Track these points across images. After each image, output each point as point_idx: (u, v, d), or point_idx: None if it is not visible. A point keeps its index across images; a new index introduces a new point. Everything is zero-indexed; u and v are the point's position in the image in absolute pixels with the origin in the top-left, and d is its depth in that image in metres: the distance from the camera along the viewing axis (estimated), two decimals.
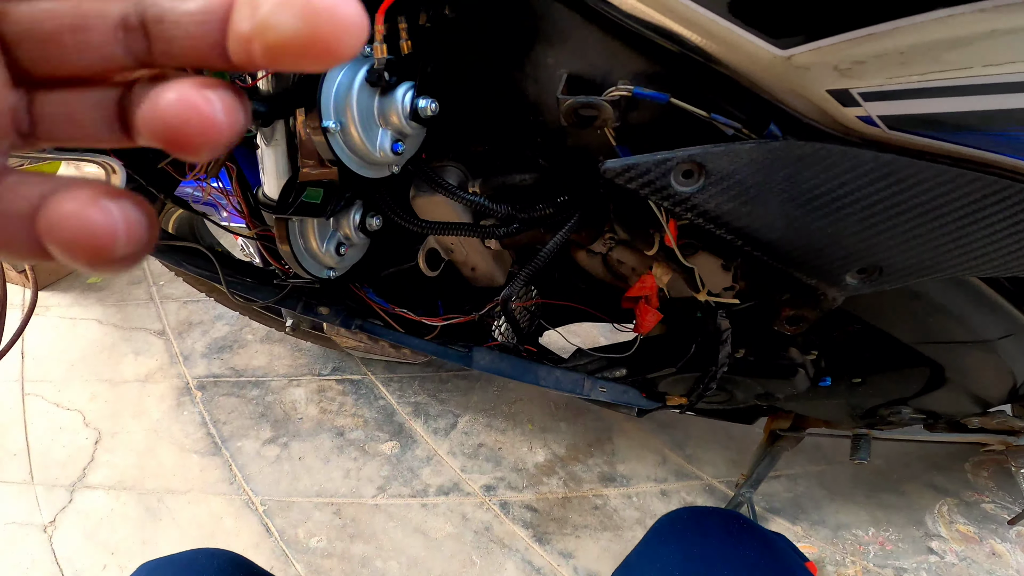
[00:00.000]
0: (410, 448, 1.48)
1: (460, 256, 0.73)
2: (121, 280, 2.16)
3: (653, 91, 0.46)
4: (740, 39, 0.42)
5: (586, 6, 0.47)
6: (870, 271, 0.53)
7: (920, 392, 0.83)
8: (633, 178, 0.47)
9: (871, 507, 1.31)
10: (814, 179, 0.47)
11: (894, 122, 0.44)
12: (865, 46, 0.39)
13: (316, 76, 0.49)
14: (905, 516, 1.29)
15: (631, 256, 0.73)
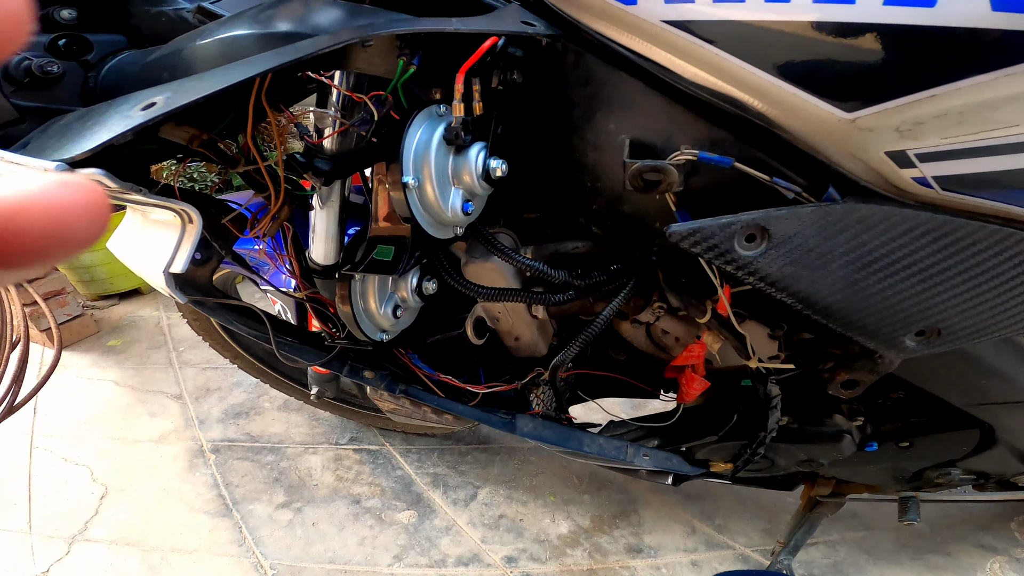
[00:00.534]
0: (428, 518, 1.43)
1: (506, 325, 0.73)
2: (141, 344, 2.17)
3: (717, 155, 0.47)
4: (805, 103, 0.43)
5: (649, 74, 0.49)
6: (929, 333, 0.53)
7: (970, 453, 0.81)
8: (698, 242, 0.48)
9: (918, 568, 1.25)
10: (874, 241, 0.48)
11: (947, 183, 0.45)
12: (928, 106, 0.40)
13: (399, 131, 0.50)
14: None
15: (677, 326, 0.72)
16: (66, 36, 0.55)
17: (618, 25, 0.50)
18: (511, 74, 0.55)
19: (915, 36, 0.38)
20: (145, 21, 0.60)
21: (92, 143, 0.38)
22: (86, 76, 0.56)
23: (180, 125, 0.62)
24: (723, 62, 0.45)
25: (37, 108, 0.54)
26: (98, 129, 0.40)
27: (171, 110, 0.38)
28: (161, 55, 0.53)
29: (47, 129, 0.50)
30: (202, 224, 0.53)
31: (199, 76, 0.45)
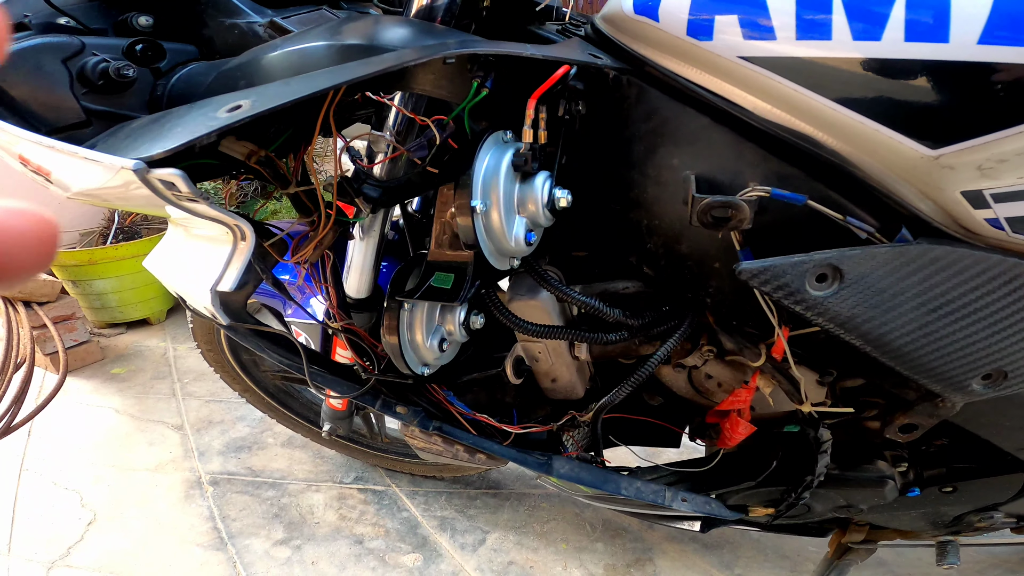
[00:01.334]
0: (434, 562, 1.37)
1: (545, 366, 0.72)
2: (145, 373, 2.13)
3: (791, 193, 0.46)
4: (888, 140, 0.43)
5: (718, 110, 0.49)
6: (996, 376, 0.52)
7: (1015, 496, 0.79)
8: (768, 280, 0.47)
9: None
10: (947, 283, 0.47)
11: (1018, 224, 0.45)
12: (1012, 144, 0.40)
13: (462, 157, 0.50)
14: None
15: (723, 371, 0.71)
16: (143, 42, 0.56)
17: (688, 61, 0.50)
18: (576, 104, 0.55)
19: (1008, 72, 0.38)
20: (218, 33, 0.60)
21: (174, 142, 0.38)
22: (155, 84, 0.56)
23: (240, 140, 0.62)
24: (800, 98, 0.45)
25: (103, 112, 0.54)
26: (179, 130, 0.40)
27: (258, 112, 0.38)
28: (234, 65, 0.53)
29: (116, 132, 0.50)
30: (255, 242, 0.52)
31: (283, 82, 0.44)
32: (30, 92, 0.52)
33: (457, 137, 0.55)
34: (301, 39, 0.53)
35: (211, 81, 0.58)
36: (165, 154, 0.39)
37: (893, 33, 0.40)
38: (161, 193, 0.42)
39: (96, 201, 0.57)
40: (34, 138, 0.44)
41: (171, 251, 0.61)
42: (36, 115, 0.54)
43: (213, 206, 0.46)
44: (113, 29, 0.61)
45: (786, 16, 0.43)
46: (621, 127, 0.55)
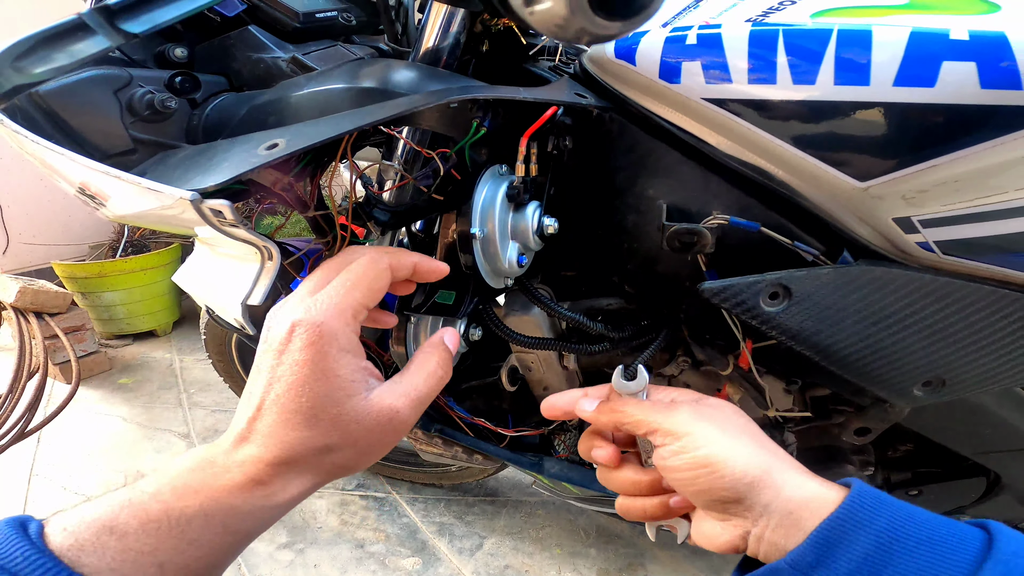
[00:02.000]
0: (433, 566, 1.42)
1: (537, 375, 0.78)
2: (152, 383, 2.19)
3: (746, 220, 0.54)
4: (825, 173, 0.50)
5: (687, 146, 0.56)
6: (935, 383, 0.58)
7: (978, 500, 0.85)
8: (727, 298, 0.54)
9: None
10: (884, 300, 0.54)
11: (947, 247, 0.52)
12: (930, 176, 0.47)
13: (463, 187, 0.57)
14: None
15: (699, 380, 0.77)
16: (182, 74, 0.61)
17: (661, 100, 0.57)
18: (564, 140, 0.62)
19: (918, 112, 0.44)
20: (246, 66, 0.65)
21: (225, 176, 0.44)
22: (191, 114, 0.61)
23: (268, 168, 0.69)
24: (754, 135, 0.52)
25: (148, 141, 0.58)
26: (226, 164, 0.46)
27: (292, 151, 0.44)
28: (264, 101, 0.59)
29: (164, 161, 0.55)
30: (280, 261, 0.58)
31: (314, 122, 0.51)
32: (87, 122, 0.57)
33: (459, 168, 0.62)
34: (323, 80, 0.60)
35: (243, 114, 0.63)
36: (216, 187, 0.46)
37: (825, 77, 0.46)
38: (209, 220, 0.48)
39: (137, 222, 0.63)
40: (103, 169, 0.49)
41: (200, 267, 0.67)
42: (91, 143, 0.58)
43: (250, 230, 0.52)
44: (152, 60, 0.66)
45: (740, 62, 0.50)
46: (604, 160, 0.62)
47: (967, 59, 0.42)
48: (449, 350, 0.47)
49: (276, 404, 0.39)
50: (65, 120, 0.57)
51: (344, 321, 0.40)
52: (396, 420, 0.41)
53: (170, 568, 0.33)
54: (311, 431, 0.38)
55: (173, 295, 2.57)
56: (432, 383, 0.44)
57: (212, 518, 0.35)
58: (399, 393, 0.42)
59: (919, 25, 0.44)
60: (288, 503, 0.39)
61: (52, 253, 2.64)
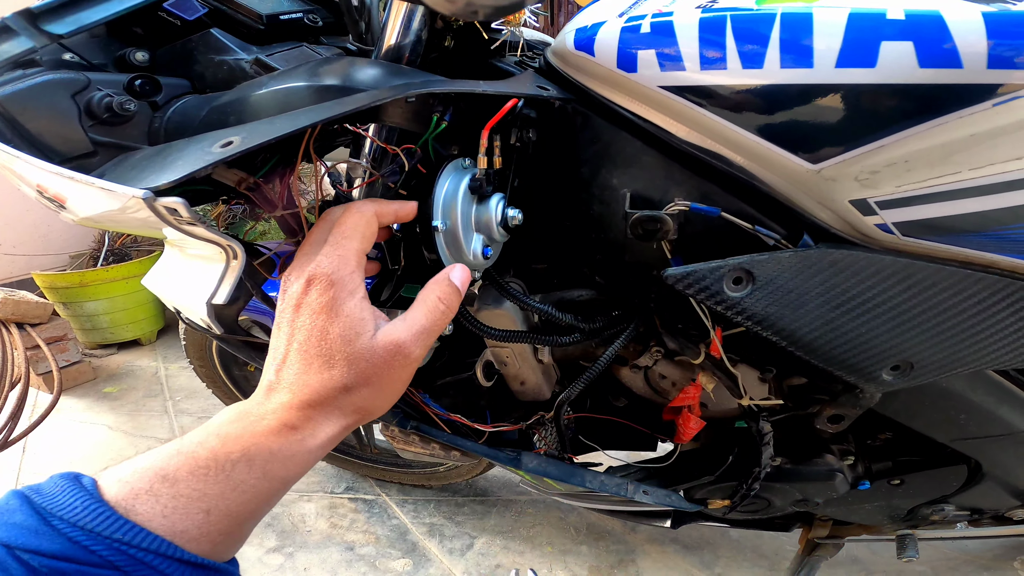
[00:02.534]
0: (423, 567, 1.42)
1: (513, 369, 0.78)
2: (137, 391, 2.18)
3: (707, 206, 0.54)
4: (779, 157, 0.50)
5: (648, 134, 0.56)
6: (903, 367, 0.58)
7: (961, 489, 0.85)
8: (691, 284, 0.54)
9: None
10: (846, 283, 0.54)
11: (906, 228, 0.52)
12: (879, 156, 0.47)
13: (427, 182, 0.57)
14: None
15: (674, 370, 0.78)
16: (142, 77, 0.61)
17: (621, 90, 0.57)
18: (527, 133, 0.62)
19: (862, 93, 0.45)
20: (208, 69, 0.66)
21: (177, 174, 0.44)
22: (152, 116, 0.62)
23: (231, 168, 0.69)
24: (710, 121, 0.52)
25: (108, 143, 0.59)
26: (180, 162, 0.46)
27: (247, 148, 0.44)
28: (225, 101, 0.59)
29: (121, 163, 0.56)
30: (245, 260, 0.58)
31: (269, 120, 0.51)
32: (45, 125, 0.57)
33: (426, 164, 0.62)
34: (284, 79, 0.60)
35: (204, 115, 0.63)
36: (168, 185, 0.46)
37: (771, 61, 0.47)
38: (165, 218, 0.48)
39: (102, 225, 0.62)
40: (55, 170, 0.50)
41: (168, 269, 0.67)
42: (49, 147, 0.58)
43: (209, 228, 0.52)
44: (112, 64, 0.66)
45: (691, 50, 0.50)
46: (569, 152, 0.62)
47: (904, 38, 0.42)
48: (454, 286, 0.48)
49: (299, 352, 0.42)
50: (22, 124, 0.57)
51: (350, 269, 0.44)
52: (401, 353, 0.43)
53: (215, 514, 0.35)
54: (330, 372, 0.41)
55: (157, 303, 2.56)
56: (435, 317, 0.46)
57: (253, 463, 0.37)
58: (402, 328, 0.44)
59: (857, 6, 0.44)
60: (320, 447, 0.41)
61: (33, 263, 2.62)
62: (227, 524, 0.36)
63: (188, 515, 0.34)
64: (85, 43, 0.65)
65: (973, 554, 1.40)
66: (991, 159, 0.46)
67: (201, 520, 0.34)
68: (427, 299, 0.47)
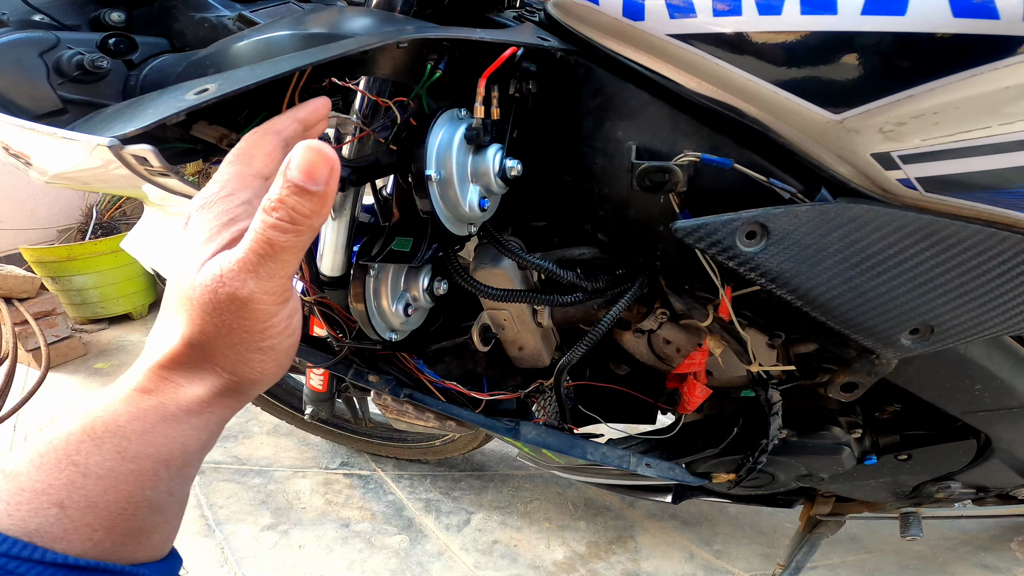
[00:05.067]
0: (420, 543, 1.41)
1: (511, 334, 0.75)
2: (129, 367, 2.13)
3: (719, 157, 0.51)
4: (798, 107, 0.47)
5: (655, 85, 0.53)
6: (923, 331, 0.56)
7: (968, 465, 0.83)
8: (702, 238, 0.51)
9: None
10: (866, 239, 0.51)
11: (930, 184, 0.49)
12: (906, 107, 0.44)
13: (420, 134, 0.54)
14: None
15: (679, 334, 0.75)
16: (116, 35, 0.59)
17: (626, 41, 0.54)
18: (526, 84, 0.59)
19: (890, 41, 0.42)
20: (188, 27, 0.63)
21: (146, 121, 0.41)
22: (128, 75, 0.59)
23: (212, 124, 0.65)
24: (723, 71, 0.49)
25: (80, 101, 0.57)
26: (152, 110, 0.43)
27: (225, 93, 0.41)
28: (204, 55, 0.56)
29: (92, 118, 0.53)
30: None
31: (249, 67, 0.48)
32: (10, 84, 0.55)
33: (418, 117, 0.59)
34: (267, 29, 0.57)
35: (182, 70, 0.61)
36: (137, 132, 0.42)
37: (791, 6, 0.44)
38: (135, 168, 0.45)
39: (75, 184, 0.60)
40: (15, 122, 0.47)
41: (147, 230, 0.64)
42: (16, 105, 0.56)
43: (185, 181, 0.49)
44: (87, 25, 0.64)
45: None
46: (571, 104, 0.59)
47: None
48: (298, 180, 0.31)
49: (167, 300, 0.35)
50: None
51: (224, 193, 0.35)
52: (223, 291, 0.32)
53: (72, 507, 0.30)
54: (176, 320, 0.34)
55: (147, 277, 2.52)
56: (268, 234, 0.31)
57: (101, 441, 0.31)
58: (224, 256, 0.33)
59: None
60: (186, 412, 0.34)
61: (20, 238, 2.57)
62: (96, 518, 0.30)
63: (37, 511, 0.29)
64: (58, 5, 0.63)
65: (971, 534, 1.40)
66: (1022, 114, 0.43)
67: (56, 515, 0.29)
68: (258, 215, 0.32)
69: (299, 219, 0.31)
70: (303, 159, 0.31)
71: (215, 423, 0.36)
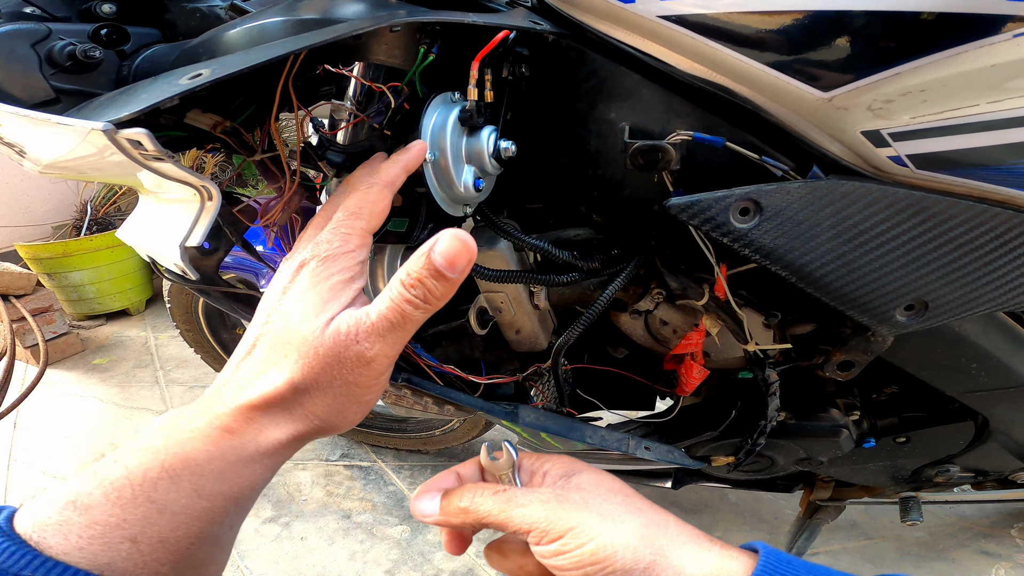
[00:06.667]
0: (421, 532, 1.41)
1: (508, 317, 0.75)
2: (127, 362, 2.16)
3: (711, 136, 0.51)
4: (787, 86, 0.48)
5: (647, 67, 0.54)
6: (917, 307, 0.56)
7: (966, 448, 0.83)
8: (695, 214, 0.51)
9: None
10: (858, 215, 0.51)
11: (920, 162, 0.50)
12: (893, 85, 0.44)
13: (413, 118, 0.54)
14: None
15: (675, 315, 0.75)
16: (108, 26, 0.59)
17: (617, 23, 0.54)
18: (520, 68, 0.59)
19: (875, 19, 0.42)
20: (180, 17, 0.64)
21: (140, 105, 0.41)
22: (120, 65, 0.60)
23: (206, 112, 0.65)
24: (712, 52, 0.49)
25: (72, 90, 0.57)
26: (145, 95, 0.44)
27: (218, 77, 0.42)
28: (196, 43, 0.57)
29: (86, 106, 0.53)
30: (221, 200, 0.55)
31: (243, 52, 0.48)
32: (3, 74, 0.55)
33: (412, 102, 0.59)
34: (259, 16, 0.57)
35: (174, 59, 0.61)
36: (131, 116, 0.43)
37: None
38: (129, 153, 0.45)
39: (70, 174, 0.60)
40: (10, 110, 0.47)
41: (143, 218, 0.64)
42: (9, 95, 0.57)
43: (180, 166, 0.49)
44: (77, 16, 0.64)
45: None
46: (564, 87, 0.59)
47: None
48: (435, 267, 0.35)
49: (266, 343, 0.36)
50: None
51: (349, 247, 0.38)
52: (351, 349, 0.34)
53: (144, 542, 0.30)
54: (282, 364, 0.35)
55: (144, 272, 2.52)
56: (402, 309, 0.35)
57: (179, 479, 0.31)
58: (357, 317, 0.35)
59: None
60: (264, 455, 0.34)
61: (15, 236, 2.57)
62: (166, 553, 0.30)
63: (109, 545, 0.29)
64: None
65: (971, 520, 1.41)
66: (1010, 92, 0.43)
67: (128, 550, 0.29)
68: (394, 284, 0.36)
69: (431, 299, 0.35)
70: (448, 248, 0.35)
71: (283, 462, 0.37)
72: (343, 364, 0.35)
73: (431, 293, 0.35)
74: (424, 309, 0.35)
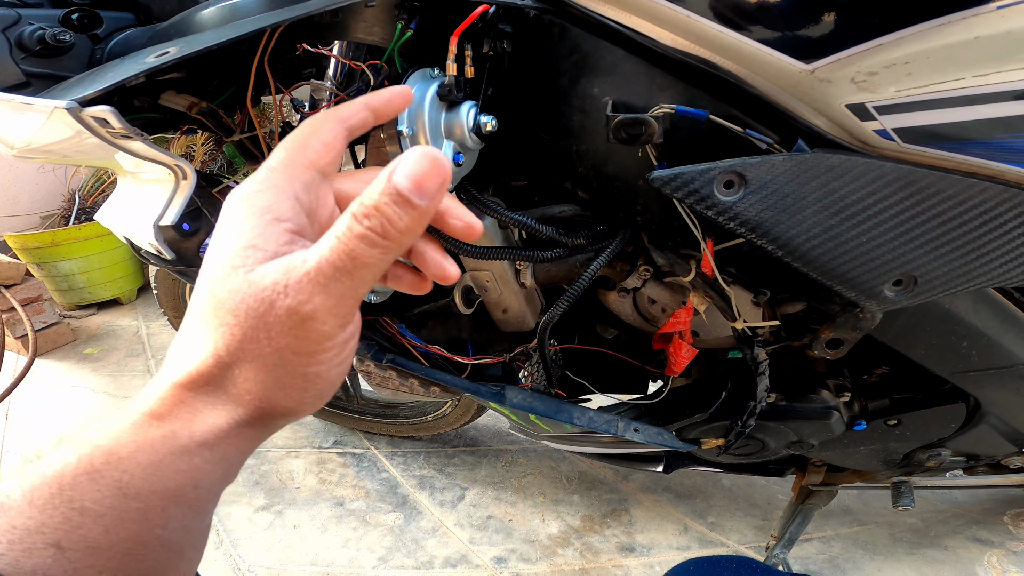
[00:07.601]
0: (414, 519, 1.42)
1: (494, 296, 0.74)
2: (119, 352, 2.15)
3: (694, 109, 0.50)
4: (770, 58, 0.47)
5: (630, 41, 0.53)
6: (906, 282, 0.55)
7: (958, 431, 0.83)
8: (679, 187, 0.50)
9: (916, 563, 1.27)
10: (844, 189, 0.50)
11: (907, 135, 0.49)
12: (877, 56, 0.43)
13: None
14: (953, 570, 1.25)
15: (663, 293, 0.75)
16: (79, 10, 0.59)
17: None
18: (501, 44, 0.58)
19: None
20: (155, 1, 0.64)
21: (105, 83, 0.41)
22: (93, 49, 0.60)
23: (181, 93, 0.64)
24: (693, 24, 0.48)
25: (43, 74, 0.58)
26: (111, 75, 0.43)
27: (186, 54, 0.41)
28: (169, 24, 0.57)
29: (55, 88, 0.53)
30: (196, 180, 0.54)
31: (213, 30, 0.47)
32: None
33: (392, 80, 0.58)
34: None
35: (146, 41, 0.61)
36: (96, 94, 0.42)
37: None
38: (96, 131, 0.44)
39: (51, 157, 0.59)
40: None
41: (120, 200, 0.63)
42: None
43: (149, 144, 0.48)
44: (50, 2, 0.64)
45: None
46: (547, 63, 0.58)
47: None
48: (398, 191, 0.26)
49: (194, 306, 0.30)
50: None
51: (273, 182, 0.30)
52: (280, 304, 0.27)
53: (71, 548, 0.26)
54: (203, 331, 0.29)
55: (135, 261, 2.51)
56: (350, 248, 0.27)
57: (100, 476, 0.27)
58: (290, 263, 0.27)
59: None
60: (202, 445, 0.29)
61: (3, 226, 2.55)
62: (99, 559, 0.27)
63: (31, 551, 0.25)
64: None
65: (963, 507, 1.41)
66: (996, 66, 0.43)
67: (54, 556, 0.26)
68: (343, 219, 0.27)
69: (392, 234, 0.27)
70: (415, 166, 0.27)
71: (234, 456, 0.31)
72: (269, 326, 0.27)
73: (392, 224, 0.26)
74: (383, 248, 0.27)
